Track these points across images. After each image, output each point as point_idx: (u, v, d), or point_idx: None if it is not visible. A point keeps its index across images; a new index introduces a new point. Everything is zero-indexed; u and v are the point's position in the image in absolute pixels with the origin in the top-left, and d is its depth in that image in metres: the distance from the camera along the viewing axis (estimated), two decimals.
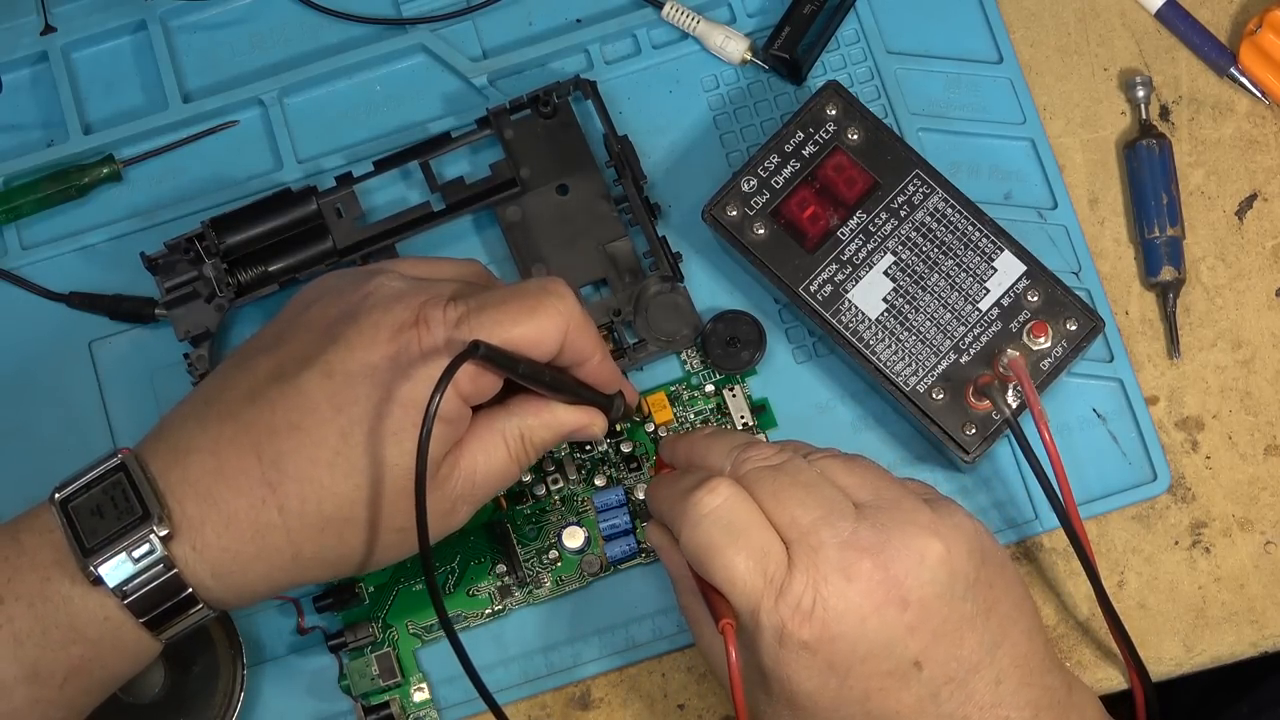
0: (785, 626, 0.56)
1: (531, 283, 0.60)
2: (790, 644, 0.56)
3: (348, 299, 0.59)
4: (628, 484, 0.70)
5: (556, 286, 0.60)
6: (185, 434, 0.58)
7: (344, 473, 0.57)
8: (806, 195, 0.69)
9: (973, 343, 0.68)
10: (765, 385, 0.71)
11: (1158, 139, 0.72)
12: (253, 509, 0.57)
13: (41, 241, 0.74)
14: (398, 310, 0.58)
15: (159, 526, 0.56)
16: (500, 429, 0.61)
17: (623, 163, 0.71)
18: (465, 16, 0.75)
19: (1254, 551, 0.69)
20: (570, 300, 0.60)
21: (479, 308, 0.58)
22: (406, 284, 0.60)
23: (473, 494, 0.61)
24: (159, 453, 0.58)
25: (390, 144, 0.73)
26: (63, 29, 0.75)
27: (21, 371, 0.72)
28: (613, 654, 0.68)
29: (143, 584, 0.56)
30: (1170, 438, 0.70)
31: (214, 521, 0.57)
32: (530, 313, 0.59)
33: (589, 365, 0.62)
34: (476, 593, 0.69)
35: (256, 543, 0.57)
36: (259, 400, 0.58)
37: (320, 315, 0.59)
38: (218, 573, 0.57)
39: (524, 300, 0.59)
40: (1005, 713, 0.58)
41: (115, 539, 0.56)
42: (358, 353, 0.57)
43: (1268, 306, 0.72)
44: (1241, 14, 0.75)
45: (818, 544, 0.57)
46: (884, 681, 0.57)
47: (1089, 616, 0.68)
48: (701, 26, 0.74)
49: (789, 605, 0.56)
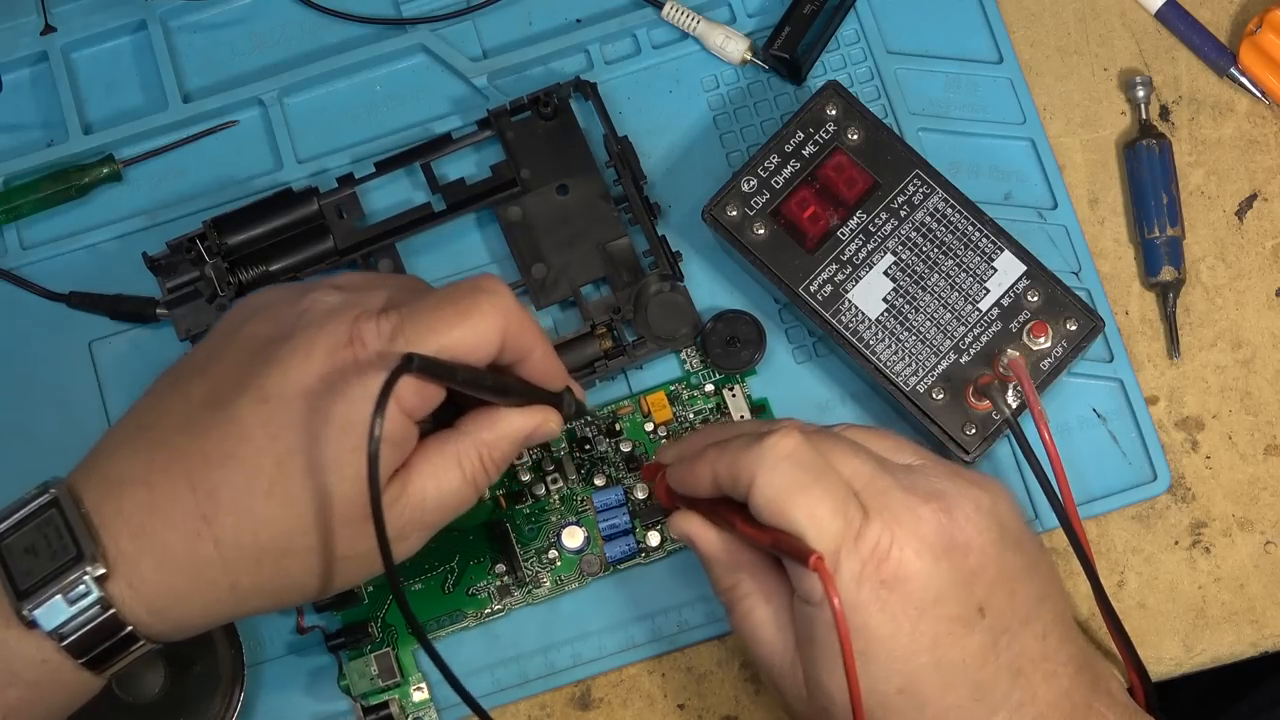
0: (865, 567, 0.56)
1: (464, 283, 0.58)
2: (868, 585, 0.56)
3: (281, 317, 0.57)
4: (627, 484, 0.70)
5: (490, 284, 0.58)
6: (118, 463, 0.56)
7: (281, 502, 0.55)
8: (806, 195, 0.69)
9: (973, 343, 0.68)
10: (765, 385, 0.71)
11: (1158, 139, 0.72)
12: (188, 542, 0.55)
13: (41, 241, 0.74)
14: (331, 327, 0.56)
15: (93, 566, 0.54)
16: (454, 452, 0.59)
17: (623, 163, 0.71)
18: (465, 16, 0.75)
19: (1254, 551, 0.69)
20: (505, 296, 0.58)
21: (411, 316, 0.56)
22: (340, 299, 0.58)
23: (423, 520, 0.58)
24: (92, 484, 0.56)
25: (390, 144, 0.73)
26: (63, 29, 0.75)
27: (21, 371, 0.72)
28: (613, 654, 0.68)
29: (80, 625, 0.54)
30: (1170, 438, 0.70)
31: (149, 557, 0.55)
32: (465, 314, 0.56)
33: (532, 361, 0.60)
34: (476, 593, 0.69)
35: (193, 576, 0.55)
36: (193, 428, 0.56)
37: (254, 335, 0.58)
38: (155, 609, 0.55)
39: (457, 302, 0.57)
40: (1053, 667, 0.59)
41: (49, 580, 0.54)
42: (292, 375, 0.55)
43: (1268, 306, 0.72)
44: (1241, 14, 0.75)
45: (884, 489, 0.58)
46: (952, 626, 0.57)
47: (1089, 616, 0.68)
48: (701, 26, 0.74)
49: (868, 547, 0.56)
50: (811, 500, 0.57)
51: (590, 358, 0.70)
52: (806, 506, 0.57)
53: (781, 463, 0.57)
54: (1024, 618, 0.59)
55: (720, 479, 0.60)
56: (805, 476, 0.57)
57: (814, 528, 0.57)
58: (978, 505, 0.59)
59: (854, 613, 0.57)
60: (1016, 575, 0.59)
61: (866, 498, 0.58)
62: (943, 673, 0.57)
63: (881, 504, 0.57)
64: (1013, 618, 0.59)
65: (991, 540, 0.58)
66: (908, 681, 0.57)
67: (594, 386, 0.71)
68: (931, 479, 0.59)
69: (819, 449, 0.58)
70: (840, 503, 0.57)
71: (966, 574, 0.58)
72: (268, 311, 0.58)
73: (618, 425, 0.70)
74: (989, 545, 0.58)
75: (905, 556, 0.57)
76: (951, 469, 0.60)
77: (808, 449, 0.58)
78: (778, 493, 0.57)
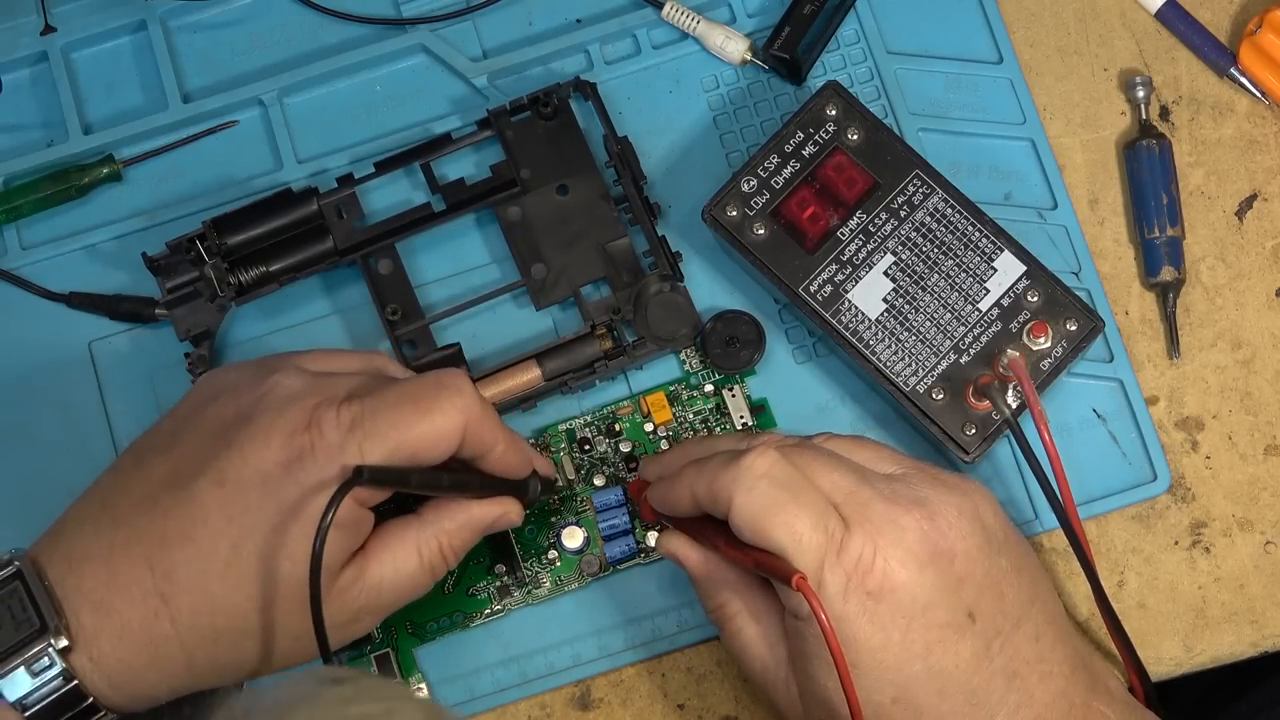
0: (850, 580, 0.57)
1: (427, 378, 0.59)
2: (855, 597, 0.57)
3: (243, 399, 0.58)
4: (627, 484, 0.70)
5: (452, 380, 0.59)
6: (80, 540, 0.57)
7: (235, 584, 0.56)
8: (806, 195, 0.69)
9: (973, 343, 0.68)
10: (765, 385, 0.71)
11: (1158, 139, 0.72)
12: (146, 620, 0.56)
13: (41, 241, 0.74)
14: (291, 413, 0.57)
15: (57, 639, 0.55)
16: (414, 541, 0.60)
17: (622, 163, 0.71)
18: (465, 16, 0.75)
19: (1254, 551, 0.69)
20: (467, 394, 0.59)
21: (372, 409, 0.57)
22: (302, 382, 0.58)
23: (378, 604, 0.60)
24: (55, 560, 0.57)
25: (390, 144, 0.73)
26: (63, 29, 0.75)
27: (21, 371, 0.72)
28: (612, 654, 0.68)
29: (43, 696, 0.55)
30: (1170, 438, 0.70)
31: (108, 633, 0.56)
32: (425, 413, 0.57)
33: (493, 456, 0.61)
34: (476, 593, 0.69)
35: (150, 653, 0.56)
36: (153, 508, 0.57)
37: (216, 416, 0.58)
38: (114, 683, 0.56)
39: (419, 400, 0.58)
40: (1048, 667, 0.59)
41: (13, 652, 0.55)
42: (250, 460, 0.56)
43: (1268, 306, 0.72)
44: (1241, 14, 0.75)
45: (865, 500, 0.58)
46: (943, 633, 0.57)
47: (1089, 616, 0.68)
48: (701, 26, 0.74)
49: (851, 559, 0.57)
50: (790, 517, 0.57)
51: (590, 358, 0.70)
52: (786, 524, 0.57)
53: (759, 482, 0.57)
54: (1015, 620, 0.59)
55: (700, 499, 0.60)
56: (783, 494, 0.57)
57: (794, 544, 0.57)
58: (960, 511, 0.59)
59: (842, 625, 0.57)
60: (1004, 578, 0.59)
61: (847, 510, 0.58)
62: (937, 680, 0.57)
63: (863, 515, 0.57)
64: (1004, 621, 0.59)
65: (976, 545, 0.58)
66: (902, 691, 0.57)
67: (594, 387, 0.71)
68: (913, 487, 0.59)
69: (797, 464, 0.58)
70: (819, 517, 0.57)
71: (953, 580, 0.58)
72: (231, 392, 0.59)
73: (618, 425, 0.70)
74: (974, 550, 0.58)
75: (890, 567, 0.57)
76: (933, 476, 0.60)
77: (784, 466, 0.58)
78: (756, 512, 0.57)
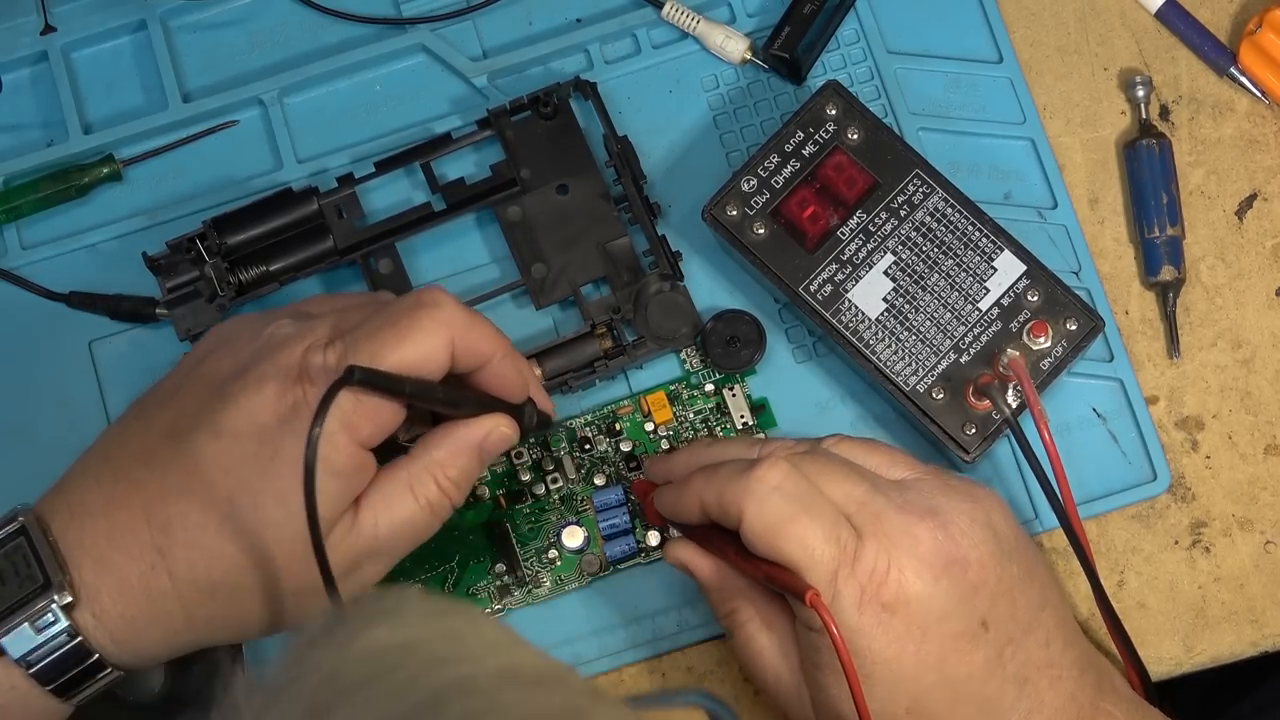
0: (864, 592, 0.56)
1: (405, 300, 0.57)
2: (870, 609, 0.56)
3: (240, 352, 0.58)
4: (627, 483, 0.70)
5: (430, 297, 0.57)
6: (82, 492, 0.57)
7: (230, 537, 0.55)
8: (806, 195, 0.69)
9: (973, 342, 0.68)
10: (765, 385, 0.71)
11: (1158, 139, 0.72)
12: (144, 575, 0.55)
13: (41, 241, 0.74)
14: (281, 362, 0.56)
15: (60, 595, 0.54)
16: (405, 478, 0.58)
17: (622, 163, 0.71)
18: (465, 16, 0.75)
19: (1254, 551, 0.69)
20: (448, 306, 0.57)
21: (354, 342, 0.56)
22: (292, 329, 0.57)
23: (378, 549, 0.58)
24: (58, 511, 0.57)
25: (390, 144, 0.73)
26: (63, 29, 0.75)
27: (21, 371, 0.72)
28: (612, 654, 0.68)
29: (47, 653, 0.55)
30: (1170, 437, 0.70)
31: (109, 588, 0.56)
32: (405, 334, 0.56)
33: (490, 367, 0.59)
34: (476, 592, 0.69)
35: (150, 609, 0.56)
36: (151, 461, 0.56)
37: (215, 369, 0.58)
38: (117, 639, 0.56)
39: (396, 323, 0.56)
40: (1057, 672, 0.59)
41: (17, 609, 0.55)
42: (245, 412, 0.55)
43: (1268, 306, 0.72)
44: (1241, 14, 0.75)
45: (878, 510, 0.57)
46: (957, 642, 0.57)
47: (1089, 616, 0.68)
48: (701, 26, 0.74)
49: (865, 570, 0.56)
50: (802, 530, 0.56)
51: (590, 358, 0.70)
52: (798, 537, 0.56)
53: (770, 495, 0.57)
54: (1026, 626, 0.59)
55: (709, 509, 0.60)
56: (794, 507, 0.57)
57: (807, 558, 0.56)
58: (973, 519, 0.59)
59: (857, 637, 0.56)
60: (1016, 585, 0.59)
61: (860, 520, 0.57)
62: (950, 689, 0.57)
63: (876, 525, 0.57)
64: (1015, 627, 0.58)
65: (989, 553, 0.58)
66: (915, 701, 0.57)
67: (594, 386, 0.71)
68: (925, 495, 0.59)
69: (808, 473, 0.58)
70: (832, 529, 0.57)
71: (967, 589, 0.57)
72: (229, 345, 0.59)
73: (618, 425, 0.70)
74: (987, 558, 0.58)
75: (905, 578, 0.57)
76: (944, 482, 0.60)
77: (795, 478, 0.57)
78: (768, 526, 0.57)
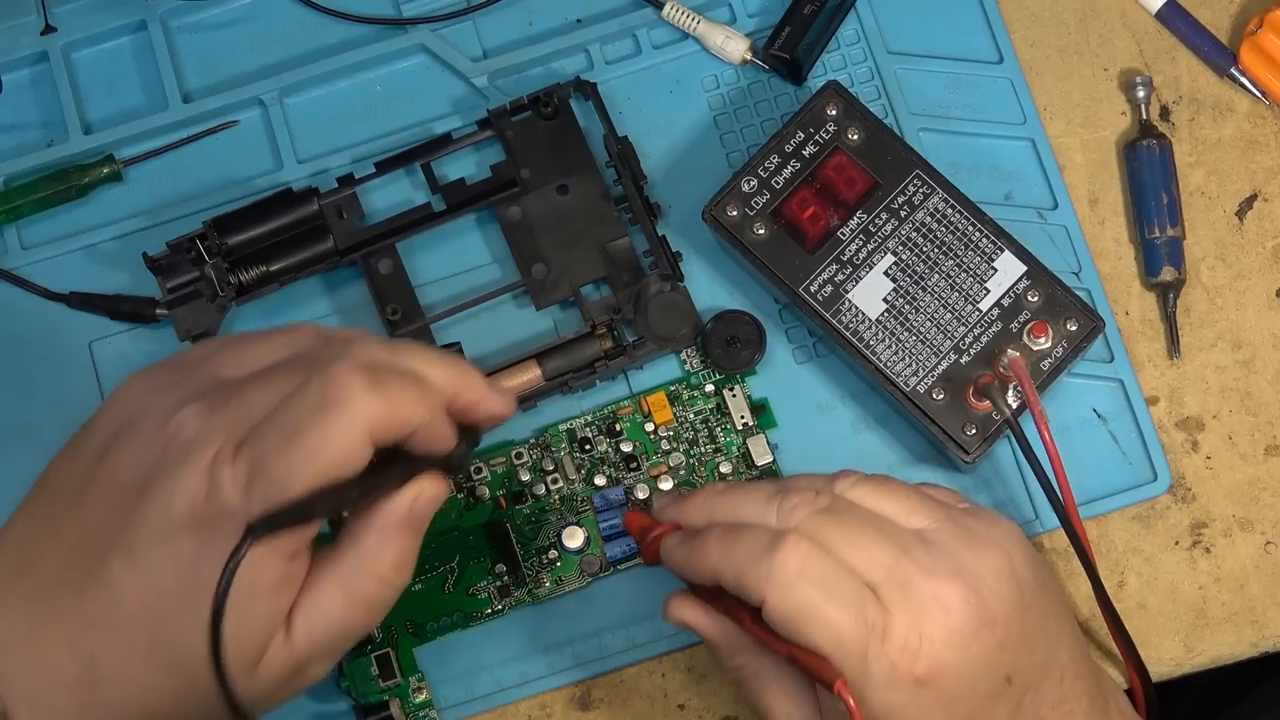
0: (896, 668, 0.54)
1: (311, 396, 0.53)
2: (903, 685, 0.55)
3: (144, 452, 0.54)
4: (627, 484, 0.70)
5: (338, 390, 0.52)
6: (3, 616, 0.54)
7: (160, 668, 0.53)
8: (807, 195, 0.69)
9: (973, 343, 0.68)
10: (765, 385, 0.71)
11: (1158, 139, 0.72)
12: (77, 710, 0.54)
13: (41, 241, 0.74)
14: (190, 478, 0.52)
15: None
16: (335, 579, 0.55)
17: (623, 163, 0.71)
18: (465, 16, 0.75)
19: (1254, 551, 0.69)
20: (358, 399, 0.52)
21: (262, 457, 0.52)
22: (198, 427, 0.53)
23: (320, 654, 0.56)
24: None
25: (390, 144, 0.73)
26: (63, 29, 0.75)
27: (21, 371, 0.72)
28: (613, 654, 0.68)
29: None
30: (1170, 438, 0.70)
31: None
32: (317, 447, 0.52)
33: (420, 433, 0.55)
34: (476, 592, 0.69)
35: None
36: (65, 583, 0.54)
37: (119, 472, 0.54)
38: None
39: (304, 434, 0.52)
40: (1069, 705, 0.58)
41: None
42: (157, 534, 0.53)
43: (1268, 306, 0.72)
44: (1241, 14, 0.75)
45: (906, 579, 0.55)
46: (984, 703, 0.56)
47: (1089, 617, 0.68)
48: (701, 26, 0.74)
49: (895, 646, 0.55)
50: (829, 616, 0.54)
51: (590, 358, 0.70)
52: (824, 624, 0.54)
53: (795, 581, 0.55)
54: (1043, 669, 0.58)
55: (725, 583, 0.57)
56: (820, 594, 0.55)
57: (835, 644, 0.54)
58: (999, 574, 0.57)
59: (889, 712, 0.55)
60: (1035, 629, 0.58)
61: (887, 591, 0.55)
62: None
63: (904, 596, 0.55)
64: (1034, 673, 0.58)
65: (1014, 605, 0.57)
66: None
67: (594, 387, 0.71)
68: (950, 551, 0.57)
69: (830, 542, 0.56)
70: (858, 609, 0.55)
71: (994, 648, 0.56)
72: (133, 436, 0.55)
73: (618, 426, 0.70)
74: (1012, 612, 0.57)
75: (936, 650, 0.55)
76: (965, 529, 0.58)
77: (818, 559, 0.55)
78: (791, 613, 0.55)
